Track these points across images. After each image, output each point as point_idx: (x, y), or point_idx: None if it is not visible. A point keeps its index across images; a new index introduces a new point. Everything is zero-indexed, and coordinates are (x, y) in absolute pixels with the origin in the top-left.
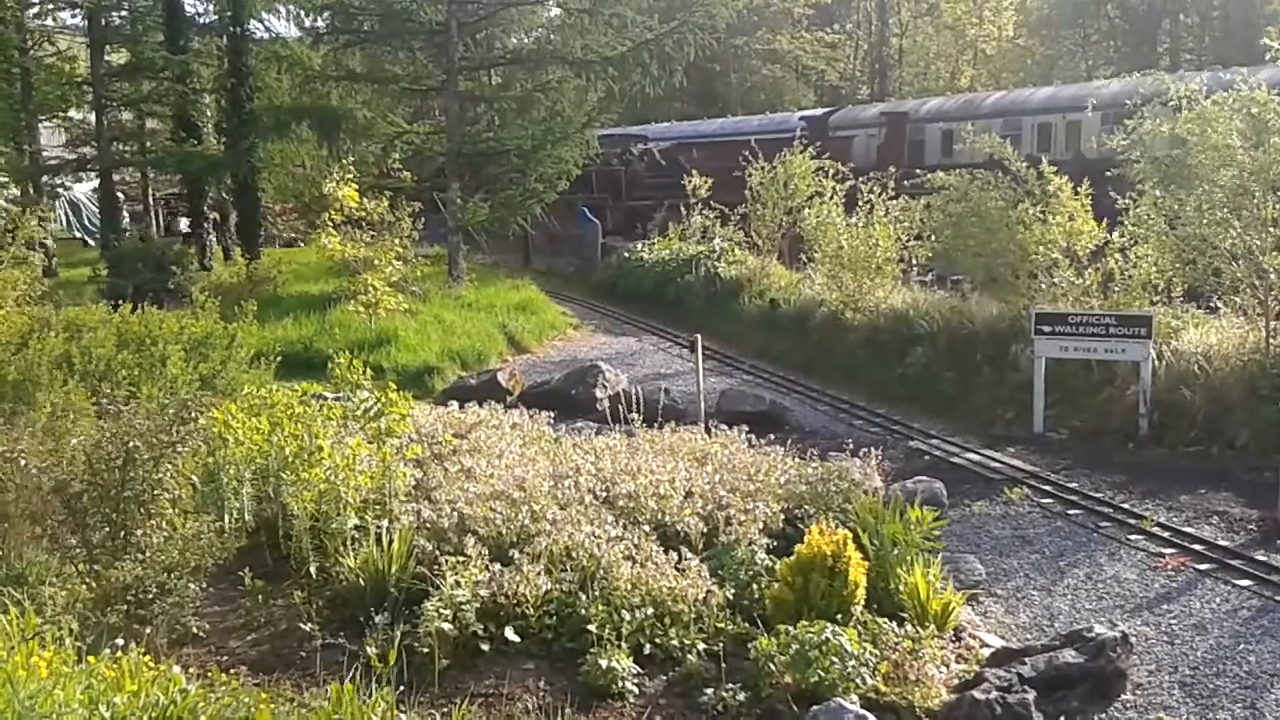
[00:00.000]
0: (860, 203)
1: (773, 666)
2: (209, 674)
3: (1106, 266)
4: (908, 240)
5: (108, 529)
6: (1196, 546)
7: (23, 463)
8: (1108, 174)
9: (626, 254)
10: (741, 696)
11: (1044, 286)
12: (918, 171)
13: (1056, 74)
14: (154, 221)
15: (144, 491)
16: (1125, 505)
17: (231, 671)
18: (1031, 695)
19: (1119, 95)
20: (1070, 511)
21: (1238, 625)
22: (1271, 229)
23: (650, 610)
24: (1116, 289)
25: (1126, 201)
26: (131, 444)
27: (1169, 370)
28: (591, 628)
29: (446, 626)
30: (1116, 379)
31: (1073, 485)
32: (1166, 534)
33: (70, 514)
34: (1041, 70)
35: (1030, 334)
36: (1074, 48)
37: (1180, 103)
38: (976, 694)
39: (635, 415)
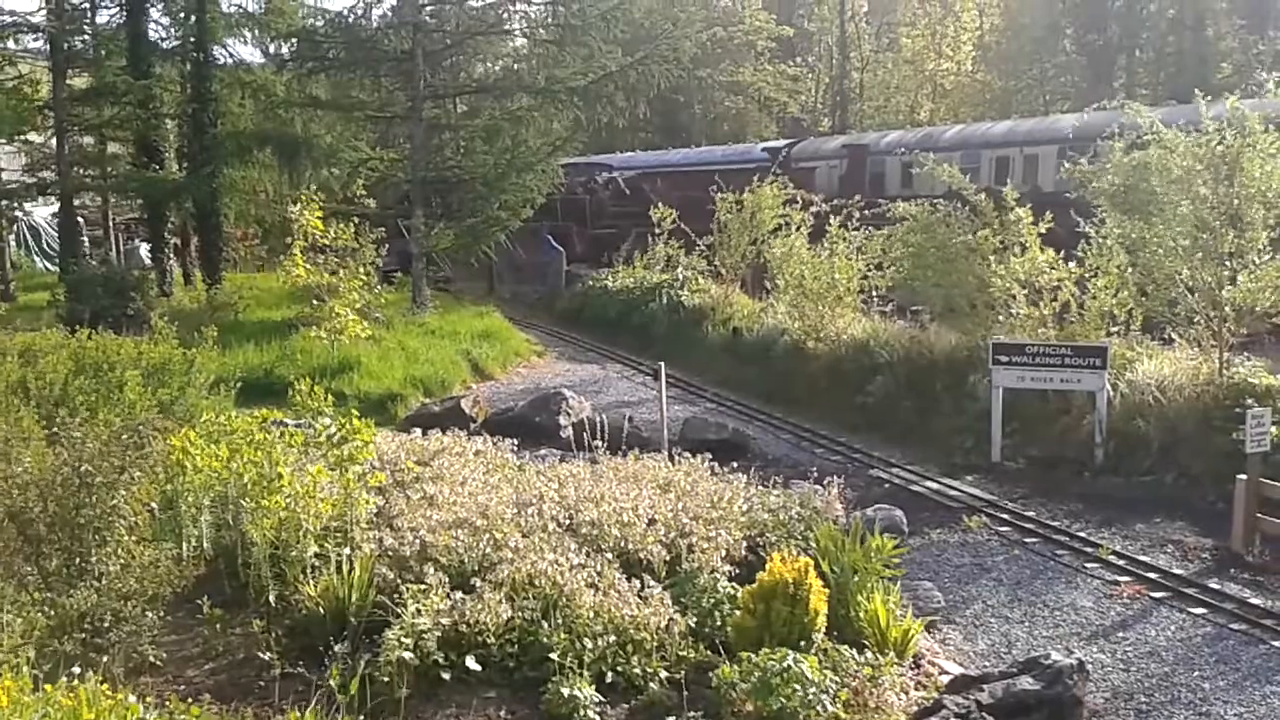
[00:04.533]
0: (826, 239)
1: (735, 694)
2: (167, 703)
3: (1062, 298)
4: (868, 270)
5: (63, 556)
6: (1151, 575)
7: None
8: (1067, 196)
9: (591, 282)
10: None
11: (1001, 317)
12: (879, 202)
13: (1014, 108)
14: (114, 246)
15: (99, 518)
16: (1082, 534)
17: (189, 700)
18: None
19: (1075, 128)
20: (1028, 540)
21: (1192, 652)
22: (1228, 262)
23: (612, 638)
24: (1073, 320)
25: (1089, 229)
26: (84, 469)
27: (1124, 400)
28: (553, 656)
29: (407, 655)
30: (1073, 409)
31: (1030, 514)
32: (1122, 562)
33: (25, 541)
34: (1000, 104)
35: (988, 364)
36: (1031, 82)
37: (1144, 135)
38: None
39: (599, 443)
